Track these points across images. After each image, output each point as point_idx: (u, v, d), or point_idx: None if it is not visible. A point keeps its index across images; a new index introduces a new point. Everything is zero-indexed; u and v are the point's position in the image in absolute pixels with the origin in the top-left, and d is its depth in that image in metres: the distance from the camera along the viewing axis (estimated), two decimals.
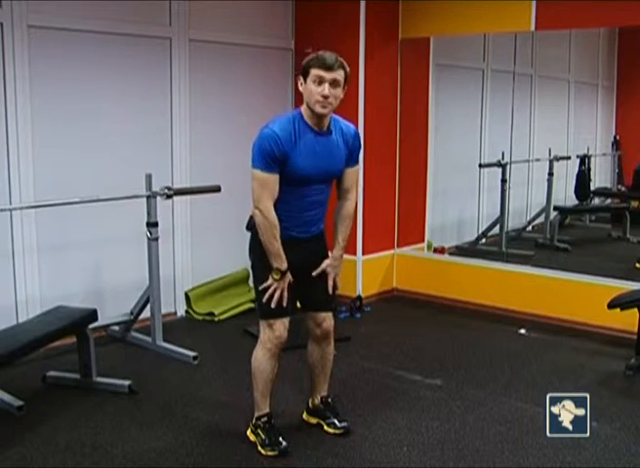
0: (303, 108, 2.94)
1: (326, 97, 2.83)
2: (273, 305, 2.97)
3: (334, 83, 2.84)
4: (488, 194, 6.84)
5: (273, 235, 2.90)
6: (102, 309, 4.17)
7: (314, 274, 3.09)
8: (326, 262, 3.12)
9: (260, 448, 3.10)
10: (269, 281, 2.96)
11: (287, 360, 3.26)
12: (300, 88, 2.91)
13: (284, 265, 2.94)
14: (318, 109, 2.86)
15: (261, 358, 3.08)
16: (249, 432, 3.20)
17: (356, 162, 3.13)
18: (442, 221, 6.56)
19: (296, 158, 2.87)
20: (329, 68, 2.82)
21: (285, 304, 3.01)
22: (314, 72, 2.83)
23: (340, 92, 2.87)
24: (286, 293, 2.97)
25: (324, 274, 3.12)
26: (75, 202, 4.06)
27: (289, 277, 2.98)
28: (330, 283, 3.12)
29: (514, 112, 6.13)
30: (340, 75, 2.85)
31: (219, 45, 5.16)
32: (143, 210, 4.25)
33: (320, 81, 2.83)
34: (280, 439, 3.10)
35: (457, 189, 6.75)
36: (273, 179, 2.88)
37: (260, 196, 2.88)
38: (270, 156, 2.84)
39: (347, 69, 2.90)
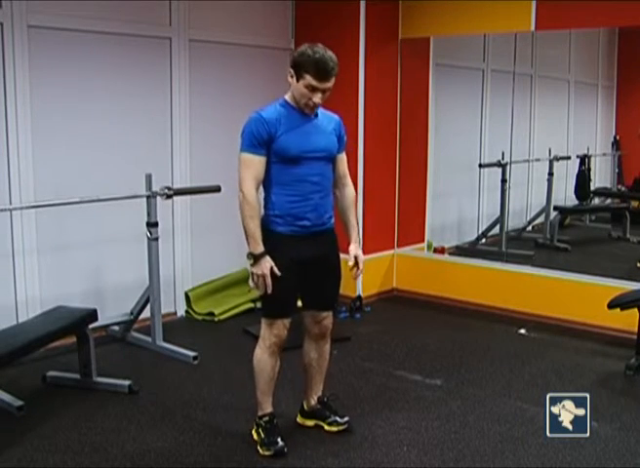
0: (289, 95, 3.00)
1: (316, 104, 2.92)
2: (262, 292, 2.95)
3: (325, 90, 2.90)
4: (488, 194, 6.84)
5: (251, 216, 2.91)
6: (102, 309, 4.17)
7: (350, 263, 3.11)
8: (354, 248, 3.13)
9: (258, 447, 3.11)
10: (253, 269, 2.94)
11: (287, 360, 3.26)
12: (290, 79, 2.94)
13: (258, 248, 2.91)
14: (306, 110, 2.96)
15: (261, 356, 3.10)
16: (253, 431, 3.20)
17: (344, 149, 3.18)
18: (442, 221, 6.56)
19: (282, 135, 2.91)
20: (324, 79, 2.86)
21: (284, 301, 3.03)
22: (309, 80, 2.85)
23: (328, 94, 2.93)
24: (269, 280, 2.92)
25: (332, 271, 3.15)
26: (75, 202, 4.07)
27: (269, 263, 2.92)
28: (361, 267, 3.13)
29: (514, 112, 6.13)
30: (331, 82, 2.89)
31: (219, 45, 5.17)
32: (143, 210, 4.25)
33: (313, 89, 2.87)
34: (278, 439, 3.09)
35: (457, 189, 6.75)
36: (257, 161, 2.92)
37: (243, 178, 2.93)
38: (256, 138, 2.90)
39: (337, 68, 2.90)
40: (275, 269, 2.93)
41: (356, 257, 3.13)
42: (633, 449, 3.18)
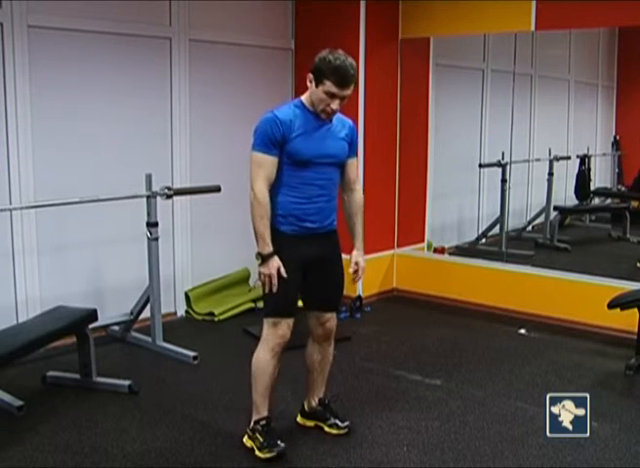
0: (305, 97, 2.98)
1: (334, 111, 2.92)
2: (267, 290, 2.95)
3: (344, 97, 2.90)
4: (488, 194, 6.84)
5: (261, 215, 2.90)
6: (102, 309, 4.17)
7: (350, 270, 3.11)
8: (356, 254, 3.15)
9: (257, 451, 3.05)
10: (260, 268, 2.94)
11: (287, 360, 3.25)
12: (309, 84, 2.94)
13: (267, 249, 2.92)
14: (322, 116, 2.96)
15: (263, 358, 3.05)
16: (245, 439, 3.14)
17: (355, 153, 3.18)
18: (442, 221, 6.56)
19: (296, 138, 2.91)
20: (344, 86, 2.86)
21: (289, 300, 3.02)
22: (328, 87, 2.85)
23: (345, 101, 2.94)
24: (275, 280, 2.92)
25: (335, 272, 3.14)
26: (75, 202, 4.07)
27: (276, 263, 2.92)
28: (360, 274, 3.14)
29: (514, 112, 6.13)
30: (351, 89, 2.89)
31: (219, 45, 5.17)
32: (143, 210, 4.25)
33: (332, 96, 2.87)
34: (278, 441, 3.05)
35: (457, 189, 6.76)
36: (270, 161, 2.90)
37: (255, 177, 2.91)
38: (269, 138, 2.88)
39: (356, 76, 2.91)
40: (282, 270, 2.92)
41: (357, 264, 3.14)
42: (633, 449, 3.18)
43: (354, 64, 2.89)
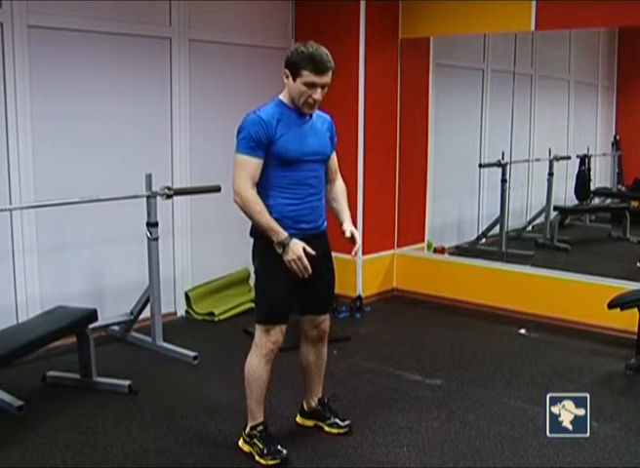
0: (283, 95, 2.96)
1: (316, 101, 2.88)
2: (301, 275, 2.86)
3: (324, 85, 2.86)
4: (488, 194, 6.84)
5: (258, 211, 2.86)
6: (102, 309, 4.18)
7: (347, 234, 3.01)
8: (348, 225, 3.04)
9: (258, 458, 3.03)
10: (285, 256, 2.85)
11: (286, 360, 3.25)
12: (285, 80, 2.90)
13: (282, 235, 2.84)
14: (306, 110, 2.92)
15: (257, 364, 3.02)
16: (241, 443, 3.13)
17: (335, 147, 3.15)
18: (442, 221, 6.56)
19: (281, 138, 2.87)
20: (322, 73, 2.82)
21: (284, 306, 3.00)
22: (307, 77, 2.82)
23: (326, 89, 2.90)
24: (305, 261, 2.84)
25: (326, 273, 3.11)
26: (75, 202, 4.07)
27: (299, 244, 2.84)
28: (359, 242, 3.03)
29: (514, 112, 6.13)
30: (329, 76, 2.86)
31: (219, 45, 5.17)
32: (143, 210, 4.25)
33: (312, 85, 2.84)
34: (279, 447, 3.03)
35: (457, 189, 6.75)
36: (254, 163, 2.87)
37: (239, 180, 2.88)
38: (254, 140, 2.85)
39: (333, 63, 2.87)
40: (308, 249, 2.86)
41: (352, 233, 3.03)
42: (633, 449, 3.18)
43: (327, 51, 2.86)
